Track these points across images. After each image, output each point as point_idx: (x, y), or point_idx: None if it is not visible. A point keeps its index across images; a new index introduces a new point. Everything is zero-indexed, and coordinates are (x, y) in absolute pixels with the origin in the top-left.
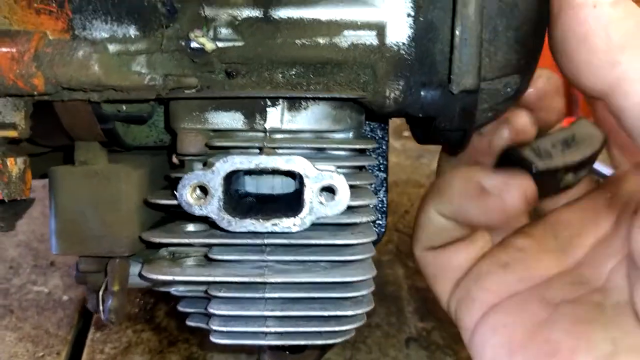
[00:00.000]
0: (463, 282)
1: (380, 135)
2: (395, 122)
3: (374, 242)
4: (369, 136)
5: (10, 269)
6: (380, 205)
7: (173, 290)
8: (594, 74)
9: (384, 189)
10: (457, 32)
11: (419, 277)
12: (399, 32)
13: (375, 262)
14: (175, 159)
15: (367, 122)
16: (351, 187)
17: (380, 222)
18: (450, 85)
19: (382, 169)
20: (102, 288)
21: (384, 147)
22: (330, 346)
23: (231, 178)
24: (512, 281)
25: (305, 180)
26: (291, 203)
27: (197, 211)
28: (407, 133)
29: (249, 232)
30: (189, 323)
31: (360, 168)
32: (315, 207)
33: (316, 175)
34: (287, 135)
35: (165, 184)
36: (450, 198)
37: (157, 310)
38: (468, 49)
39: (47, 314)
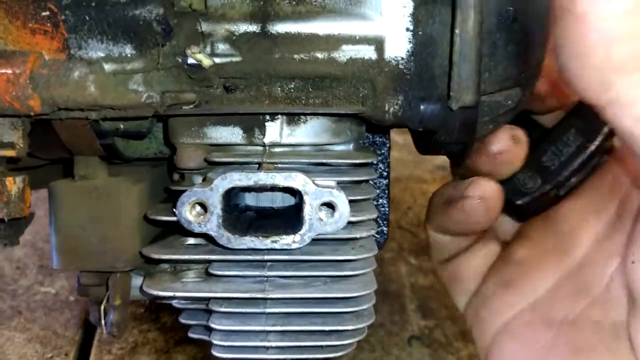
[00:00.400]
0: (473, 301)
1: (382, 141)
2: None
3: (377, 247)
4: (369, 144)
5: (17, 269)
6: (382, 211)
7: (175, 302)
8: (585, 89)
9: (385, 195)
10: (455, 48)
11: (421, 275)
12: (398, 47)
13: (377, 260)
14: (175, 176)
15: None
16: (351, 202)
17: (383, 229)
18: (450, 102)
19: (383, 175)
20: (104, 302)
21: (385, 154)
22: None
23: (230, 194)
24: (516, 300)
25: (305, 197)
26: (291, 219)
27: (197, 229)
28: None
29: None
30: (191, 334)
31: (361, 182)
32: (314, 223)
33: (315, 191)
34: (286, 149)
35: (165, 195)
36: (432, 214)
37: (163, 310)
38: (467, 65)
39: (54, 314)
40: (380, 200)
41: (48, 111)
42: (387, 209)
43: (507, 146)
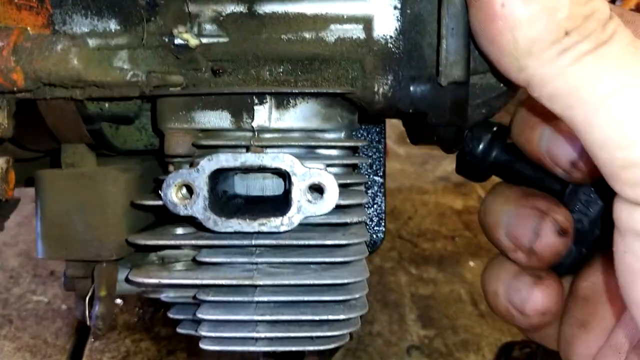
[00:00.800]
0: (560, 343)
1: (377, 139)
2: (399, 129)
3: (374, 248)
4: (363, 138)
5: (11, 278)
6: (379, 210)
7: (163, 296)
8: (505, 72)
9: (382, 194)
10: (443, 22)
11: (421, 285)
12: (387, 25)
13: (377, 269)
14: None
15: (363, 127)
16: (342, 186)
17: (379, 228)
18: (439, 77)
19: (379, 173)
20: (89, 294)
21: (380, 151)
22: (331, 354)
23: (217, 178)
24: (593, 340)
25: (293, 178)
26: (280, 204)
27: (182, 211)
28: None
29: (236, 233)
30: (180, 330)
31: (352, 168)
32: (303, 205)
33: (304, 172)
34: (275, 135)
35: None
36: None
37: (155, 320)
38: (455, 39)
39: (46, 323)
40: (376, 199)
41: (32, 86)
42: (383, 208)
43: (554, 242)
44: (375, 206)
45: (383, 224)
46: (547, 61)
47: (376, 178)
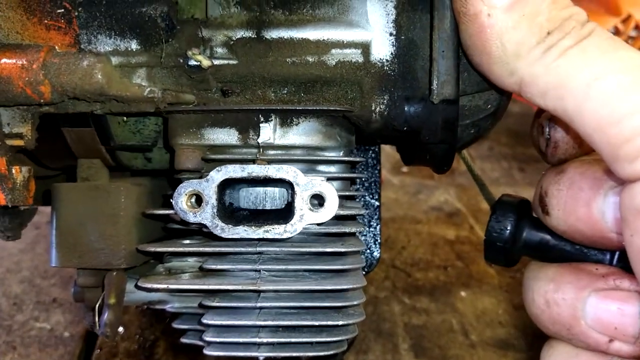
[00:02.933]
0: None
1: (373, 164)
2: (394, 158)
3: (370, 269)
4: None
5: (14, 305)
6: (374, 232)
7: (169, 307)
8: (498, 80)
9: (377, 216)
10: (435, 45)
11: (415, 314)
12: (383, 50)
13: (372, 299)
14: None
15: (361, 153)
16: (341, 197)
17: (375, 248)
18: (431, 96)
19: (375, 197)
20: (99, 301)
21: (376, 175)
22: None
23: (225, 189)
24: None
25: (296, 188)
26: (283, 214)
27: (192, 218)
28: (405, 169)
29: (242, 240)
30: (184, 340)
31: (351, 182)
32: (305, 213)
33: (306, 183)
34: (279, 151)
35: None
36: None
37: (156, 347)
38: (446, 60)
39: (48, 350)
40: (372, 222)
41: (57, 99)
42: (378, 231)
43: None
44: (371, 228)
45: (379, 244)
46: (534, 60)
47: (372, 201)
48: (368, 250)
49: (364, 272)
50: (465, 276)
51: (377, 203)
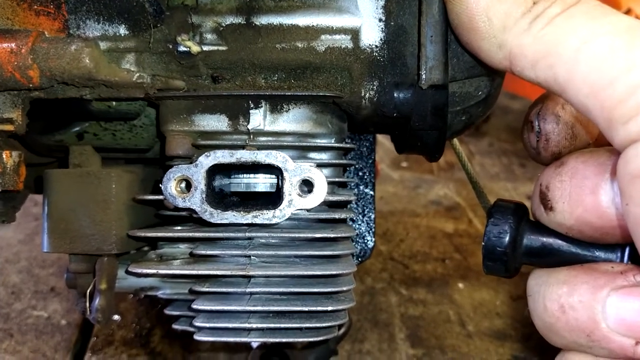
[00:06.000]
0: None
1: (367, 153)
2: (393, 153)
3: (364, 258)
4: (353, 156)
5: (12, 294)
6: (368, 221)
7: (160, 293)
8: (488, 57)
9: (371, 206)
10: (423, 30)
11: (411, 305)
12: (372, 36)
13: (369, 290)
14: None
15: (354, 141)
16: (331, 183)
17: (370, 238)
18: (420, 81)
19: (369, 186)
20: (90, 286)
21: (371, 165)
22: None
23: (215, 175)
24: None
25: (285, 174)
26: (272, 200)
27: (181, 203)
28: (404, 164)
29: (231, 225)
30: (175, 327)
31: (342, 171)
32: (294, 199)
33: (295, 168)
34: (269, 138)
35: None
36: None
37: (152, 335)
38: (434, 45)
39: (45, 337)
40: (366, 211)
41: (46, 84)
42: (373, 220)
43: None
44: (365, 217)
45: (373, 234)
46: (522, 31)
47: (366, 190)
48: (362, 240)
49: (358, 261)
50: (463, 268)
51: (371, 192)
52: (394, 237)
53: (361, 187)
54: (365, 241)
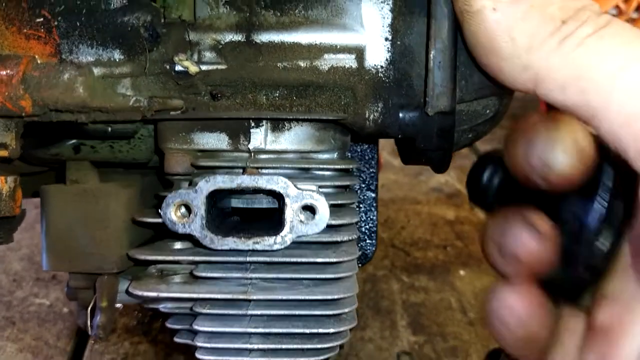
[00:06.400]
0: None
1: (370, 156)
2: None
3: (365, 261)
4: (356, 157)
5: (14, 281)
6: (371, 224)
7: (162, 307)
8: (510, 78)
9: (374, 208)
10: (431, 56)
11: (413, 292)
12: (378, 56)
13: (370, 277)
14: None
15: (358, 144)
16: (333, 206)
17: (371, 242)
18: (426, 107)
19: (372, 188)
20: (91, 304)
21: (373, 167)
22: None
23: (215, 197)
24: None
25: (286, 200)
26: (274, 223)
27: (181, 229)
28: None
29: (231, 250)
30: (177, 339)
31: (344, 188)
32: (295, 225)
33: (297, 194)
34: (271, 156)
35: (155, 202)
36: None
37: (154, 323)
38: (442, 72)
39: (47, 325)
40: (369, 214)
41: (39, 112)
42: (375, 222)
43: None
44: (367, 220)
45: (375, 237)
46: (550, 52)
47: (369, 193)
48: (363, 243)
49: (359, 265)
50: (465, 255)
51: (373, 195)
52: (395, 224)
53: (364, 190)
54: (367, 244)
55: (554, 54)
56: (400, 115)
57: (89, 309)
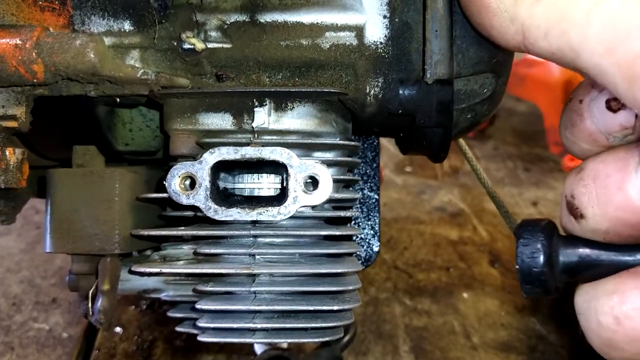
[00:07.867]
0: None
1: (372, 157)
2: (397, 158)
3: (369, 263)
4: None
5: (13, 305)
6: (373, 225)
7: (163, 295)
8: (500, 33)
9: (376, 210)
10: (428, 26)
11: (415, 316)
12: (377, 32)
13: (372, 300)
14: None
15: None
16: (336, 181)
17: (374, 242)
18: (425, 76)
19: (374, 189)
20: (93, 288)
21: (375, 169)
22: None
23: (219, 172)
24: None
25: (290, 170)
26: (277, 198)
27: (185, 200)
28: (408, 169)
29: (235, 222)
30: (179, 329)
31: (347, 169)
32: (299, 196)
33: (300, 165)
34: (274, 136)
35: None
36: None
37: (154, 348)
38: (439, 40)
39: (46, 351)
40: (371, 215)
41: (50, 80)
42: (377, 223)
43: None
44: (370, 222)
45: (377, 238)
46: (533, 2)
47: (371, 194)
48: (367, 244)
49: (363, 266)
50: (468, 277)
51: (376, 196)
52: (397, 244)
53: (366, 191)
54: (370, 245)
55: (537, 3)
56: (400, 90)
57: (90, 293)
